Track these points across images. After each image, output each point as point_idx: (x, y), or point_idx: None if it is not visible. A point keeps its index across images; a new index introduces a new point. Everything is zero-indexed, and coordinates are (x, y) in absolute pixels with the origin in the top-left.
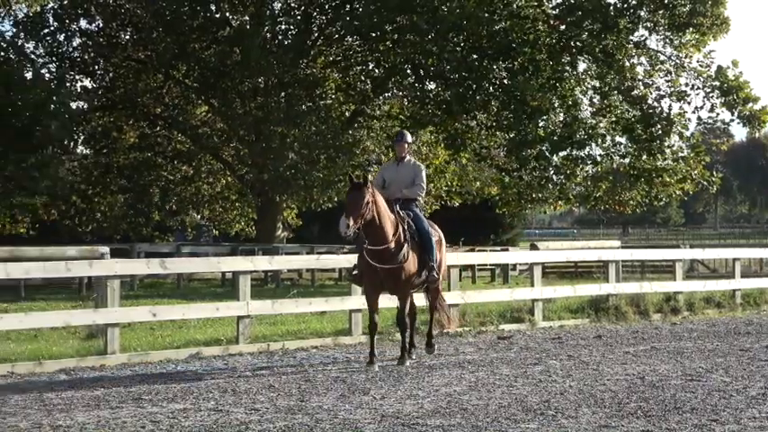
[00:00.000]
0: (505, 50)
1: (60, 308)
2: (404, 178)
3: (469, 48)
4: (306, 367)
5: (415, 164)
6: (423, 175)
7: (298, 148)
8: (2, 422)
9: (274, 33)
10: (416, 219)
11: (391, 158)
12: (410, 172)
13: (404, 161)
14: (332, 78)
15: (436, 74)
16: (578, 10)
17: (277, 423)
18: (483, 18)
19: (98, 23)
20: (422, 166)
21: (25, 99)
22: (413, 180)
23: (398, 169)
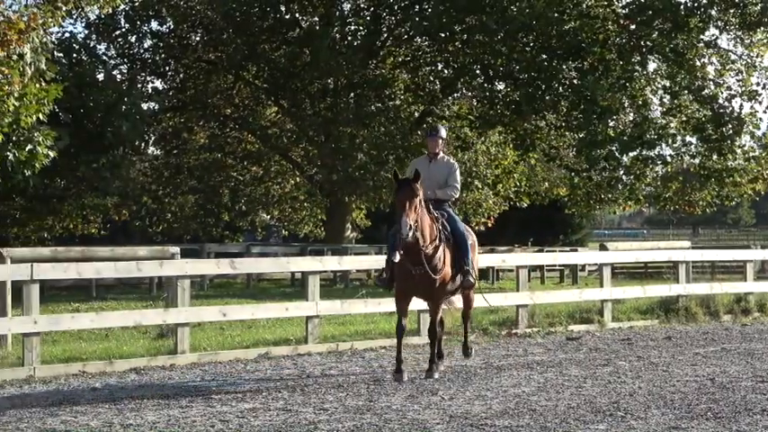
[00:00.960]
0: (575, 50)
1: (131, 307)
2: (437, 177)
3: (539, 48)
4: (374, 367)
5: (449, 161)
6: (457, 174)
7: (367, 149)
8: (73, 421)
9: (344, 34)
10: (451, 219)
11: (423, 155)
12: (443, 170)
13: (437, 158)
14: (401, 79)
15: (505, 74)
16: (648, 9)
17: (346, 423)
18: (552, 18)
19: (169, 25)
20: (455, 164)
21: (97, 100)
22: (446, 179)
23: (431, 167)
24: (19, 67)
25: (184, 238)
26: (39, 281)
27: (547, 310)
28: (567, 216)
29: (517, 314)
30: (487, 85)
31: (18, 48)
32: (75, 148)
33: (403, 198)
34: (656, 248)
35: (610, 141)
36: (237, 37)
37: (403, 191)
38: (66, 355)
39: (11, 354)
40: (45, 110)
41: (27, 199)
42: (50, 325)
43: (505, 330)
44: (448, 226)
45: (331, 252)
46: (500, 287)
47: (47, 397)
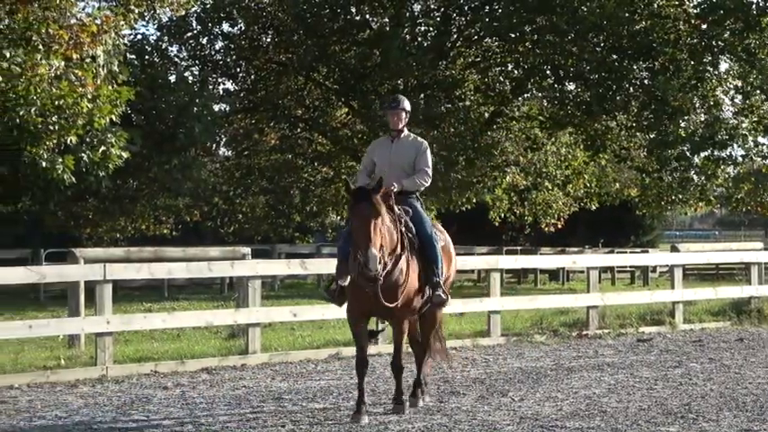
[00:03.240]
0: (646, 50)
1: (203, 308)
2: (401, 161)
3: (609, 48)
4: (444, 368)
5: (416, 140)
6: (427, 156)
7: (437, 150)
8: (145, 420)
9: (414, 35)
10: (417, 218)
11: (383, 136)
12: (409, 152)
13: (400, 137)
14: (471, 79)
15: (576, 74)
16: (720, 9)
17: (416, 424)
18: (623, 18)
19: (240, 26)
20: (425, 143)
21: (169, 102)
22: (413, 164)
23: (393, 148)
24: (92, 70)
25: (255, 238)
26: (111, 281)
27: (617, 311)
28: (638, 217)
29: (588, 315)
30: (558, 85)
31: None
32: (148, 150)
33: (365, 219)
34: (727, 250)
35: (681, 142)
36: (308, 38)
37: (361, 208)
38: (139, 354)
39: (84, 353)
40: (118, 111)
41: (100, 200)
42: (123, 325)
43: (576, 331)
44: (413, 227)
45: None
46: (570, 288)
47: (119, 396)
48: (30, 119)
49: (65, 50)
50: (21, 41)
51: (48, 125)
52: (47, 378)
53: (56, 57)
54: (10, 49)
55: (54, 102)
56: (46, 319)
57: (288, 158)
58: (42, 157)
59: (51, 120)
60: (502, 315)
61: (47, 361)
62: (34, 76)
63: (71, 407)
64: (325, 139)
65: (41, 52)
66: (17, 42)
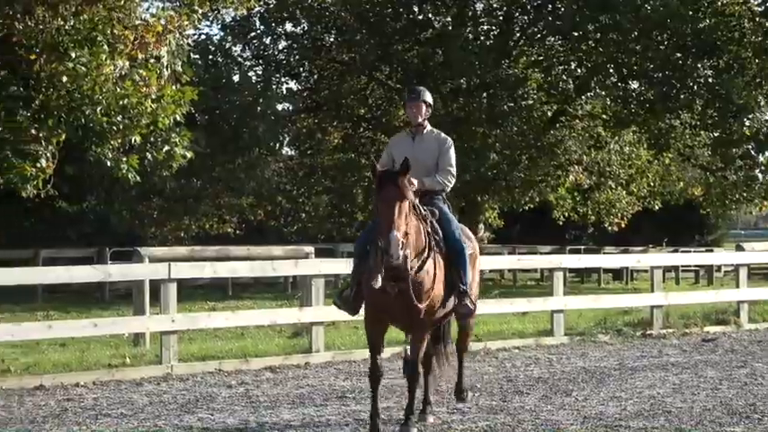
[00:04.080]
0: (710, 48)
1: (266, 306)
2: (423, 159)
3: (673, 46)
4: (507, 367)
5: (440, 136)
6: (451, 153)
7: (499, 149)
8: (210, 418)
9: (476, 34)
10: (444, 220)
11: (402, 132)
12: (432, 149)
13: (422, 133)
14: (534, 78)
15: (639, 73)
16: None
17: (479, 423)
18: (687, 16)
19: (303, 26)
20: (449, 140)
21: (233, 101)
22: (436, 162)
23: (415, 146)
24: (156, 70)
25: (318, 237)
26: (176, 280)
27: (682, 311)
28: (703, 216)
29: (652, 315)
30: (621, 84)
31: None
32: (212, 149)
33: (389, 201)
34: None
35: (745, 140)
36: (371, 38)
37: (387, 190)
38: (203, 353)
39: (149, 351)
40: (181, 111)
41: (164, 199)
42: (187, 323)
43: (640, 331)
44: (439, 229)
45: None
46: (634, 287)
47: (184, 394)
48: (95, 119)
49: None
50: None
51: (112, 125)
52: (112, 376)
53: (121, 57)
54: (75, 50)
55: (119, 102)
56: (111, 318)
57: (351, 157)
58: (107, 156)
59: (116, 119)
60: (565, 314)
61: (112, 359)
62: (99, 77)
63: (136, 405)
64: (387, 137)
65: (106, 53)
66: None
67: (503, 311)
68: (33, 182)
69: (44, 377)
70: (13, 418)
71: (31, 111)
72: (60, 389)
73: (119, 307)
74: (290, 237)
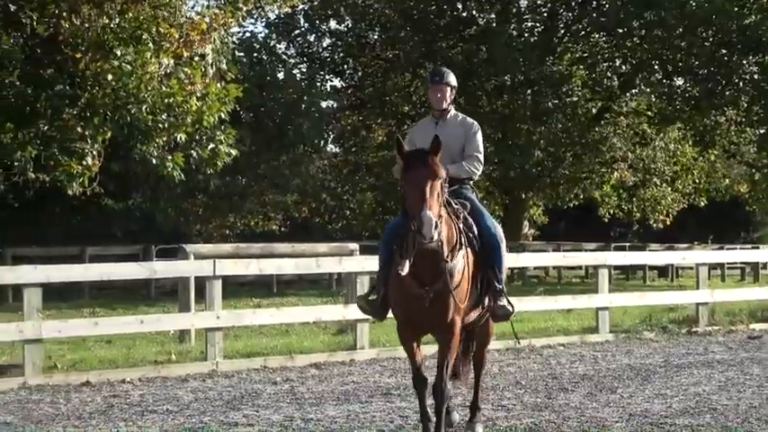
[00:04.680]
0: (756, 45)
1: (311, 303)
2: (448, 146)
3: (718, 42)
4: (552, 364)
5: (465, 121)
6: (478, 138)
7: (544, 146)
8: (255, 415)
9: (520, 31)
10: (476, 211)
11: (425, 118)
12: (458, 134)
13: (446, 117)
14: (578, 75)
15: (684, 69)
16: None
17: (524, 420)
18: (732, 12)
19: (347, 23)
20: (475, 124)
21: (277, 99)
22: (461, 148)
23: (439, 131)
24: (201, 68)
25: (363, 234)
26: (221, 277)
27: (727, 308)
28: (748, 213)
29: (697, 312)
30: (666, 80)
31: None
32: (257, 147)
33: (419, 181)
34: None
35: None
36: (415, 35)
37: (417, 169)
38: (248, 349)
39: (194, 348)
40: (226, 109)
41: (209, 196)
42: (233, 320)
43: (685, 328)
44: (473, 224)
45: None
46: (679, 285)
47: (229, 391)
48: (140, 117)
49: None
50: (131, 40)
51: (157, 123)
52: (158, 372)
53: (166, 55)
54: (121, 48)
55: (164, 100)
56: (157, 315)
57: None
58: (152, 154)
59: (161, 118)
60: (610, 312)
61: (158, 356)
62: (144, 75)
63: (182, 401)
64: None
65: (151, 51)
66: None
67: (547, 309)
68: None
69: (90, 373)
70: (59, 415)
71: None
72: (106, 385)
73: (164, 304)
74: (335, 234)
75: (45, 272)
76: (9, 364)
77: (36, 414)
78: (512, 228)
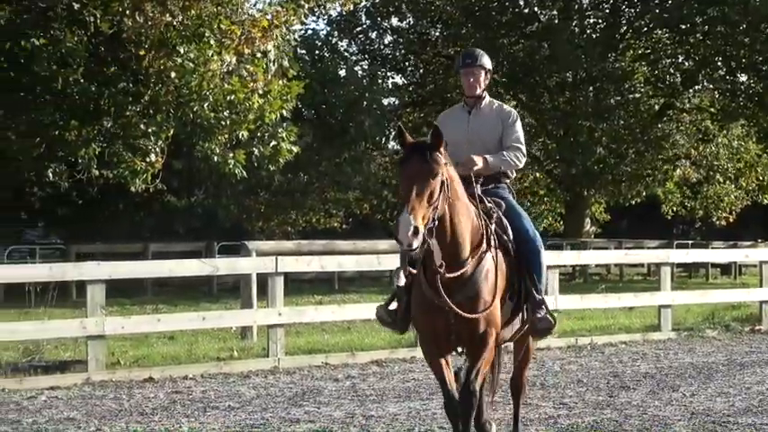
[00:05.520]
0: None
1: (372, 300)
2: (483, 136)
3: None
4: (614, 363)
5: (502, 109)
6: (518, 128)
7: (606, 143)
8: (316, 411)
9: (582, 27)
10: (513, 213)
11: (457, 105)
12: (493, 124)
13: (480, 106)
14: (640, 71)
15: (747, 65)
16: None
17: (585, 418)
18: None
19: (409, 21)
20: (514, 113)
21: (339, 96)
22: (498, 140)
23: (472, 121)
24: (263, 65)
25: None
26: (283, 273)
27: None
28: None
29: (761, 310)
30: (729, 76)
31: (262, 45)
32: (318, 144)
33: (410, 178)
34: None
35: None
36: (476, 31)
37: (411, 164)
38: (309, 346)
39: (256, 345)
40: (288, 106)
41: (271, 193)
42: (294, 317)
43: (748, 327)
44: (508, 226)
45: (570, 246)
46: (743, 282)
47: (290, 387)
48: (202, 114)
49: (236, 46)
50: (194, 38)
51: (220, 120)
52: (220, 369)
53: (228, 52)
54: (183, 46)
55: (226, 97)
56: (219, 311)
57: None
58: (215, 151)
59: (223, 115)
60: (673, 309)
61: (220, 352)
62: (207, 72)
63: (244, 397)
64: None
65: (214, 48)
66: (190, 38)
67: (609, 306)
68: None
69: (153, 369)
70: (122, 410)
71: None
72: (169, 381)
73: (226, 300)
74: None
75: (108, 268)
76: (73, 359)
77: (99, 410)
78: (573, 225)
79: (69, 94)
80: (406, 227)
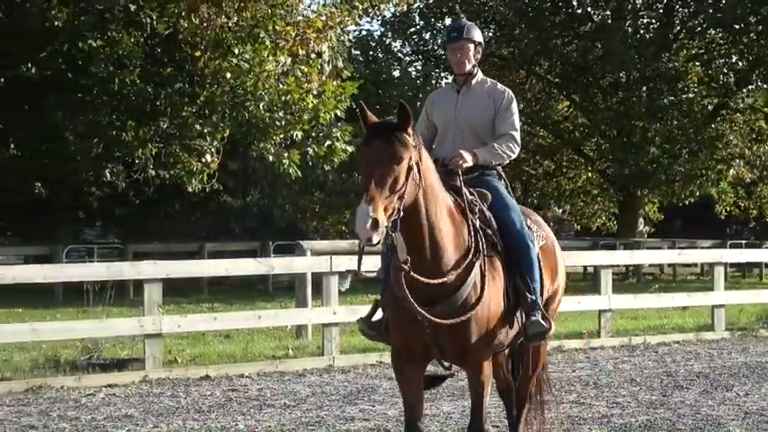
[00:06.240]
0: None
1: None
2: (473, 119)
3: None
4: (667, 362)
5: (495, 88)
6: (513, 111)
7: (659, 142)
8: (371, 410)
9: (636, 27)
10: (499, 205)
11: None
12: (484, 105)
13: (470, 85)
14: (694, 71)
15: None
16: None
17: (639, 417)
18: None
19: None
20: (508, 93)
21: (393, 96)
22: (491, 123)
23: (461, 101)
24: (317, 66)
25: None
26: (337, 272)
27: None
28: None
29: None
30: None
31: (316, 46)
32: None
33: (370, 163)
34: None
35: None
36: (529, 32)
37: (372, 147)
38: (364, 345)
39: (311, 343)
40: (342, 106)
41: (326, 193)
42: (349, 316)
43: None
44: (493, 219)
45: (623, 246)
46: None
47: (345, 386)
48: (258, 114)
49: (291, 47)
50: (249, 38)
51: (275, 120)
52: (275, 367)
53: (282, 53)
54: (238, 47)
55: (281, 97)
56: (274, 310)
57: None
58: (270, 151)
59: (278, 115)
60: (726, 309)
61: (275, 351)
62: (262, 73)
63: (299, 395)
64: (546, 132)
65: (269, 49)
66: (245, 39)
67: (662, 306)
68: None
69: (210, 368)
70: (179, 408)
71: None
72: (225, 379)
73: (281, 299)
74: None
75: (165, 268)
76: (130, 358)
77: (156, 407)
78: (627, 225)
79: (126, 94)
80: (364, 219)
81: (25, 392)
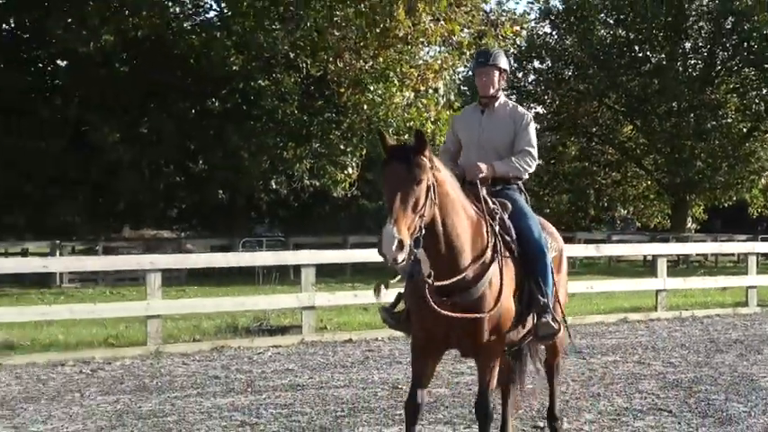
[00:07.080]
0: None
1: None
2: (495, 138)
3: None
4: (710, 331)
5: (516, 110)
6: (531, 131)
7: (704, 158)
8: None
9: (685, 67)
10: (519, 214)
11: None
12: (505, 126)
13: (494, 107)
14: (732, 102)
15: None
16: None
17: (687, 374)
18: None
19: (547, 63)
20: (528, 116)
21: None
22: (511, 142)
23: (484, 122)
24: (434, 99)
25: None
26: None
27: None
28: None
29: None
30: None
31: (433, 84)
32: None
33: (392, 185)
34: None
35: None
36: (601, 71)
37: (392, 170)
38: None
39: None
40: None
41: None
42: None
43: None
44: (512, 227)
45: (675, 239)
46: None
47: None
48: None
49: (414, 84)
50: (381, 78)
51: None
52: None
53: (407, 89)
54: (373, 84)
55: (406, 124)
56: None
57: (585, 166)
58: None
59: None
60: (758, 289)
61: None
62: (391, 105)
63: None
64: (614, 150)
65: (397, 86)
66: (379, 79)
67: (707, 286)
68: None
69: (352, 333)
70: (328, 364)
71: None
72: (364, 342)
73: None
74: None
75: (318, 255)
76: (291, 325)
77: (311, 363)
78: (678, 223)
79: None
80: (390, 240)
81: (211, 351)
